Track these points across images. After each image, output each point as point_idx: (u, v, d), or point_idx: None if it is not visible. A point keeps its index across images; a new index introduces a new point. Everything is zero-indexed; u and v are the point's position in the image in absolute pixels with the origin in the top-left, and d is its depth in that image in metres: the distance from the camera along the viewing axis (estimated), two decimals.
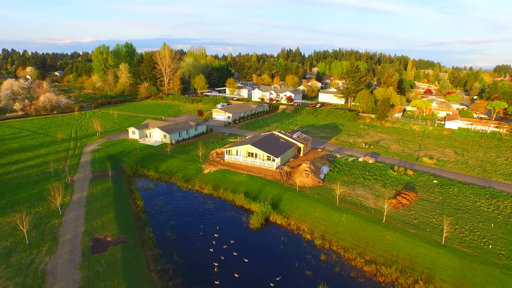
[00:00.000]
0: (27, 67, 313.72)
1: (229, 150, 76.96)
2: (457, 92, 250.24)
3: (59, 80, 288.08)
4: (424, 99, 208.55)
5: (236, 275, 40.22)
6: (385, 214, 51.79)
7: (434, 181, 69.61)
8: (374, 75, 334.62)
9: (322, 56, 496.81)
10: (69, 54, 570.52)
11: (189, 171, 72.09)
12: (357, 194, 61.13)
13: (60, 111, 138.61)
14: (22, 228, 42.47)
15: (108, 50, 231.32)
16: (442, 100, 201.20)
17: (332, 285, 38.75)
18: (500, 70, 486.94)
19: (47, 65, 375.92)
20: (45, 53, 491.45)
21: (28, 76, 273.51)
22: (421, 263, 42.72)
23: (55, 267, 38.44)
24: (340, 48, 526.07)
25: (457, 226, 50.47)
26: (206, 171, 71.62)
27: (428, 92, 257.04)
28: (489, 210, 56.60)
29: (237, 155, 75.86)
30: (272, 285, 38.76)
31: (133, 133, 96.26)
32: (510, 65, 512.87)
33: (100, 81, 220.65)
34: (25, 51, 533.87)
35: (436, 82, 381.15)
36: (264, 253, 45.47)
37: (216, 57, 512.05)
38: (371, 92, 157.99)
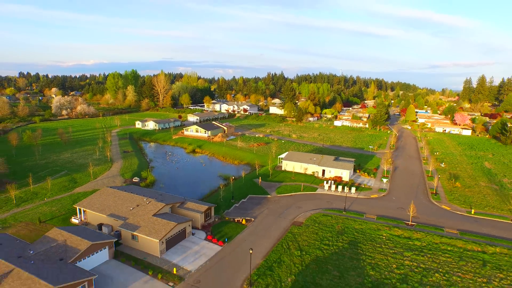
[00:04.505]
0: (52, 88, 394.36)
1: (187, 128, 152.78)
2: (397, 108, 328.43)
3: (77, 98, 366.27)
4: (350, 111, 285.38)
5: (175, 159, 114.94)
6: (238, 146, 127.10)
7: (282, 141, 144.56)
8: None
9: (303, 79, 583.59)
10: (77, 76, 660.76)
11: (165, 138, 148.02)
12: (237, 143, 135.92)
13: (90, 116, 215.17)
14: (99, 144, 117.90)
15: (119, 75, 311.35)
16: (363, 111, 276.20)
17: (207, 164, 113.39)
18: (468, 90, 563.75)
19: (66, 86, 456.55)
20: (54, 75, 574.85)
21: (53, 95, 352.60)
22: (244, 158, 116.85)
23: (112, 154, 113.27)
24: (320, 72, 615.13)
25: (270, 150, 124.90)
26: (174, 137, 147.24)
27: (363, 106, 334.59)
28: (296, 149, 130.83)
29: (190, 131, 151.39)
30: (185, 161, 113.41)
31: (138, 124, 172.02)
32: (474, 86, 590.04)
33: (112, 99, 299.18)
34: (37, 74, 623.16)
35: (391, 100, 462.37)
36: (186, 158, 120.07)
37: (211, 80, 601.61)
38: (296, 104, 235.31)
